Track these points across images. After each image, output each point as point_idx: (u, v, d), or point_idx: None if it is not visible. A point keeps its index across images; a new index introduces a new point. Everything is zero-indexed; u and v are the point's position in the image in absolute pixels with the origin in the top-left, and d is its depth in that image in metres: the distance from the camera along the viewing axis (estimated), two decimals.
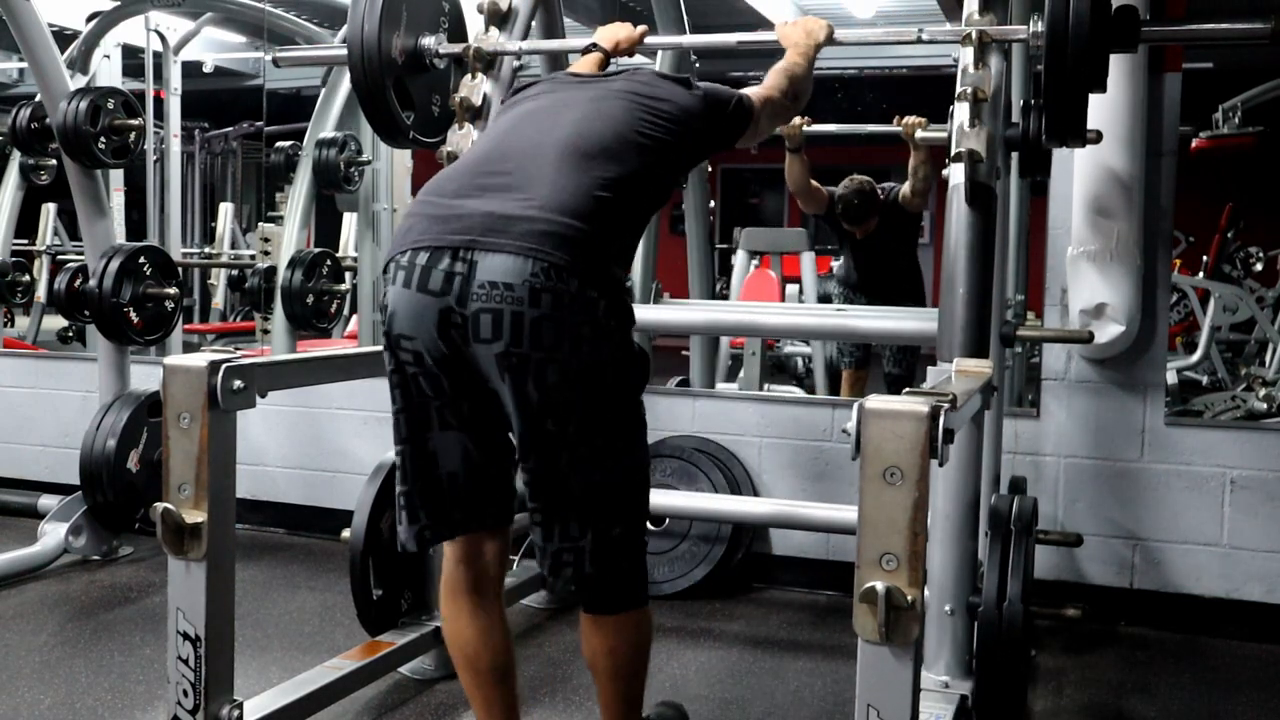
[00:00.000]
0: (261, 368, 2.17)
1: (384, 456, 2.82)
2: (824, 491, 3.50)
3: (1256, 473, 3.24)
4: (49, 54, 3.61)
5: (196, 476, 2.03)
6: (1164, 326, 3.34)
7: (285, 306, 4.68)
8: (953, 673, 2.39)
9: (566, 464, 1.88)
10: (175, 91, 5.71)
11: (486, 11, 2.86)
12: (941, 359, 2.37)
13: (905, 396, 1.57)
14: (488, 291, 1.79)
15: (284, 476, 4.19)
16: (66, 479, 3.93)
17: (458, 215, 1.86)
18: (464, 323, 1.81)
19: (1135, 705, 2.84)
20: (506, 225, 1.81)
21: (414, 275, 1.83)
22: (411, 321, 1.84)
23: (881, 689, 1.53)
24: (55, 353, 6.19)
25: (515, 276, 1.78)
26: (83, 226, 3.80)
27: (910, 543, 1.49)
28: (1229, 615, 3.27)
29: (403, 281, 1.85)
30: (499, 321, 1.78)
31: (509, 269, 1.78)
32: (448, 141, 2.83)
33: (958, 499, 2.36)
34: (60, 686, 2.75)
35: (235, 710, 2.12)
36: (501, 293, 1.78)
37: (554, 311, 1.79)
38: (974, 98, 2.37)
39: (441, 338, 1.83)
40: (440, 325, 1.82)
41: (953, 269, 2.38)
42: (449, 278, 1.81)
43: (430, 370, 1.87)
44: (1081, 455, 3.38)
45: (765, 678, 2.91)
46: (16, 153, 5.33)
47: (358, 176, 4.98)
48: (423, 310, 1.83)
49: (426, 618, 2.83)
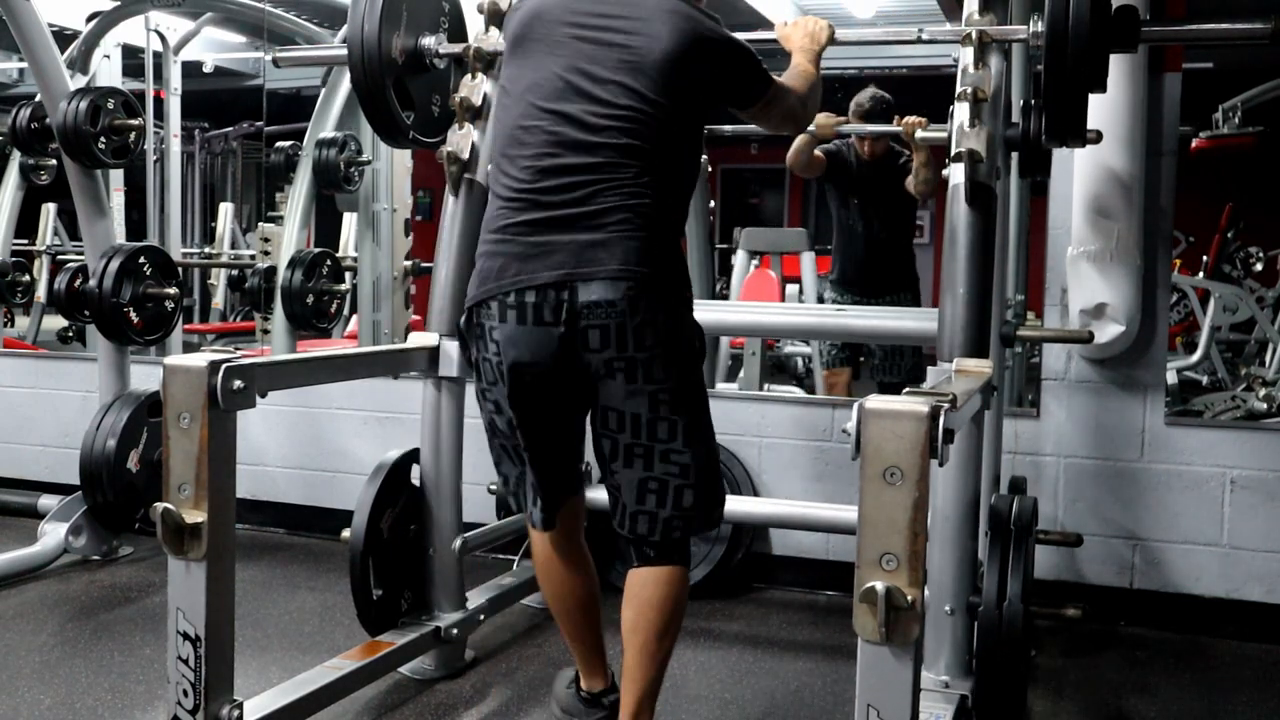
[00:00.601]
0: (261, 368, 2.17)
1: (384, 456, 2.83)
2: (824, 491, 3.50)
3: (1256, 473, 3.24)
4: (49, 54, 3.61)
5: (196, 476, 2.03)
6: (1164, 326, 3.34)
7: (285, 306, 4.68)
8: (953, 673, 2.39)
9: (665, 434, 2.17)
10: (175, 91, 5.71)
11: (486, 11, 2.86)
12: (941, 359, 2.37)
13: (905, 396, 1.57)
14: (590, 310, 2.10)
15: (284, 476, 4.19)
16: (66, 479, 3.93)
17: (547, 252, 2.13)
18: (574, 339, 2.12)
19: (1135, 705, 2.84)
20: (595, 255, 2.11)
21: (526, 312, 2.13)
22: (529, 350, 2.15)
23: (881, 689, 1.53)
24: (55, 353, 6.19)
25: (612, 294, 2.10)
26: (83, 226, 3.80)
27: (910, 543, 1.49)
28: (1229, 615, 3.27)
29: (515, 319, 2.14)
30: (605, 334, 2.11)
31: (605, 290, 2.10)
32: (448, 141, 2.83)
33: (958, 499, 2.36)
34: (60, 686, 2.75)
35: (235, 710, 2.12)
36: (605, 309, 2.10)
37: (648, 316, 2.12)
38: (974, 98, 2.37)
39: (556, 357, 2.14)
40: (559, 347, 2.13)
41: (953, 269, 2.38)
42: (557, 308, 2.11)
43: (543, 385, 2.18)
44: (1081, 455, 3.38)
45: (765, 678, 2.91)
46: (16, 153, 5.32)
47: (358, 176, 4.99)
48: (540, 339, 2.13)
49: (426, 618, 2.83)
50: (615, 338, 2.11)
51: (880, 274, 4.55)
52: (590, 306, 2.10)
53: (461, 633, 2.87)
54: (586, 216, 2.13)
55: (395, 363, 2.96)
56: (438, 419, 2.83)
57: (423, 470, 2.84)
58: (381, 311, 4.97)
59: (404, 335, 4.64)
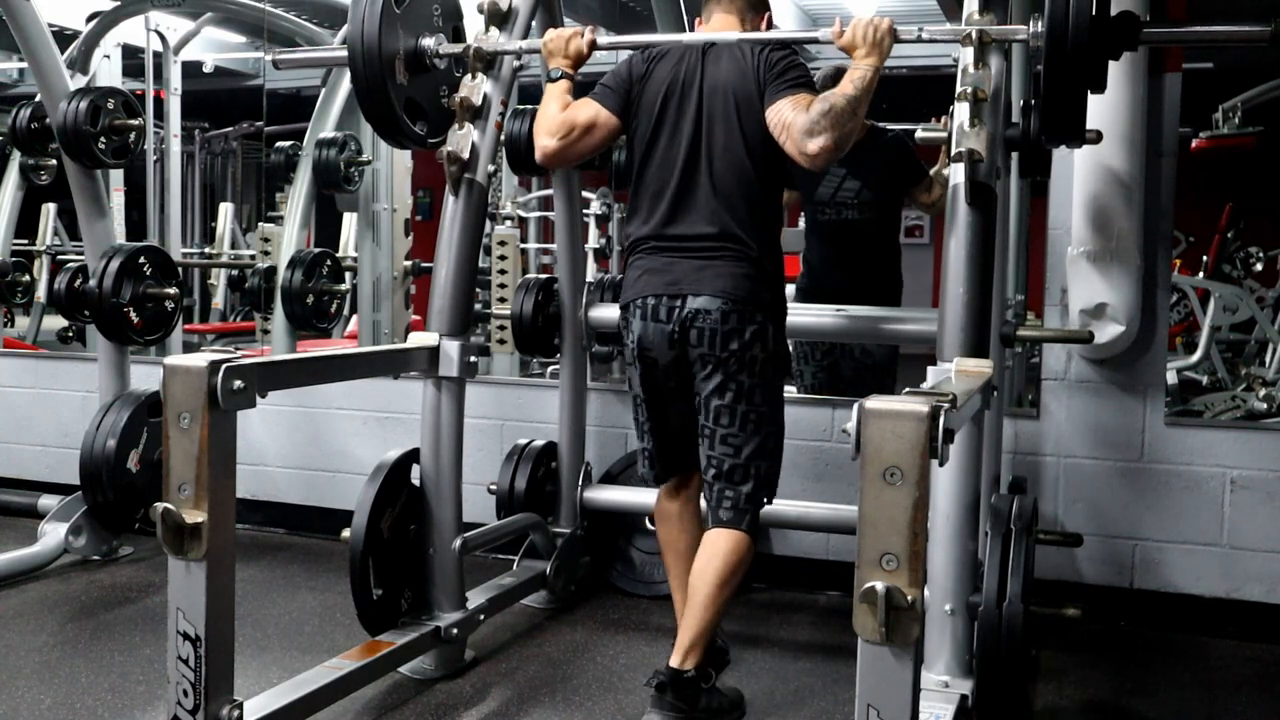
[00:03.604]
0: (261, 368, 2.17)
1: (384, 456, 2.83)
2: (824, 491, 3.50)
3: (1256, 473, 3.24)
4: (49, 54, 3.61)
5: (196, 476, 2.03)
6: (1164, 326, 3.34)
7: (285, 306, 4.68)
8: (953, 672, 2.39)
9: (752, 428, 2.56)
10: (175, 91, 5.71)
11: (486, 11, 2.87)
12: (941, 359, 2.37)
13: (905, 396, 1.57)
14: (693, 315, 2.51)
15: (284, 476, 4.19)
16: (66, 479, 3.93)
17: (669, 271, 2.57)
18: (680, 336, 2.54)
19: (1135, 705, 2.84)
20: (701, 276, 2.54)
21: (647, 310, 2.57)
22: (650, 340, 2.58)
23: (881, 689, 1.53)
24: (55, 353, 6.18)
25: (710, 305, 2.51)
26: (83, 226, 3.81)
27: (910, 543, 1.49)
28: (1229, 615, 3.27)
29: (640, 315, 2.58)
30: (702, 334, 2.51)
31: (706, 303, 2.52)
32: (448, 141, 2.83)
33: (958, 499, 2.36)
34: (60, 686, 2.75)
35: (235, 710, 2.12)
36: (703, 317, 2.51)
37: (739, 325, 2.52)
38: (974, 98, 2.37)
39: (671, 347, 2.56)
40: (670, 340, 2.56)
41: (953, 269, 2.38)
42: (670, 311, 2.54)
43: (664, 370, 2.60)
44: (1081, 455, 3.38)
45: (765, 678, 2.91)
46: (16, 153, 5.32)
47: (358, 176, 4.99)
48: (658, 332, 2.57)
49: (426, 618, 2.83)
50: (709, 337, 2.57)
51: (858, 282, 3.80)
52: (693, 313, 2.57)
53: (461, 633, 2.87)
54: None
55: (395, 363, 2.96)
56: (438, 419, 2.83)
57: (423, 470, 2.84)
58: (381, 311, 4.98)
59: (404, 335, 4.64)
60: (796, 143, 2.37)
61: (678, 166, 2.56)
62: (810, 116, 2.35)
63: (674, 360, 2.58)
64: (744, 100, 2.51)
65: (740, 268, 2.52)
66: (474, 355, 2.88)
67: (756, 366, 2.53)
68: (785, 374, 2.71)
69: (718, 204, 2.53)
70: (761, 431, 2.57)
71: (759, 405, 2.55)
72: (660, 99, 2.58)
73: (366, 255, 5.01)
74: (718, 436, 2.55)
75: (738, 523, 2.56)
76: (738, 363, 2.51)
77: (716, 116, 2.53)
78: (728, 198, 2.53)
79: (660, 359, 2.59)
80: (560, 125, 2.59)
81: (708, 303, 2.50)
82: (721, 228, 2.52)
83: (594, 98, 2.64)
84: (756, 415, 2.55)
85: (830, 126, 2.33)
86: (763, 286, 2.54)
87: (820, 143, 2.34)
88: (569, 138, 2.60)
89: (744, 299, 2.50)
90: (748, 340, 2.51)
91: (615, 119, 2.62)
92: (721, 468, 2.56)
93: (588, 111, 2.61)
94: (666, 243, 2.57)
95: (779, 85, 2.46)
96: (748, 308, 2.50)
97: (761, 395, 2.55)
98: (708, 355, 2.52)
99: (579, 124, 2.60)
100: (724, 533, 2.56)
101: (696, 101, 2.55)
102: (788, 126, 2.39)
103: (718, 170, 2.54)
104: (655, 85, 2.59)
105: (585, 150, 2.66)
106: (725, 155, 2.53)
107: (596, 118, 2.61)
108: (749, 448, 2.56)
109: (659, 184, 2.58)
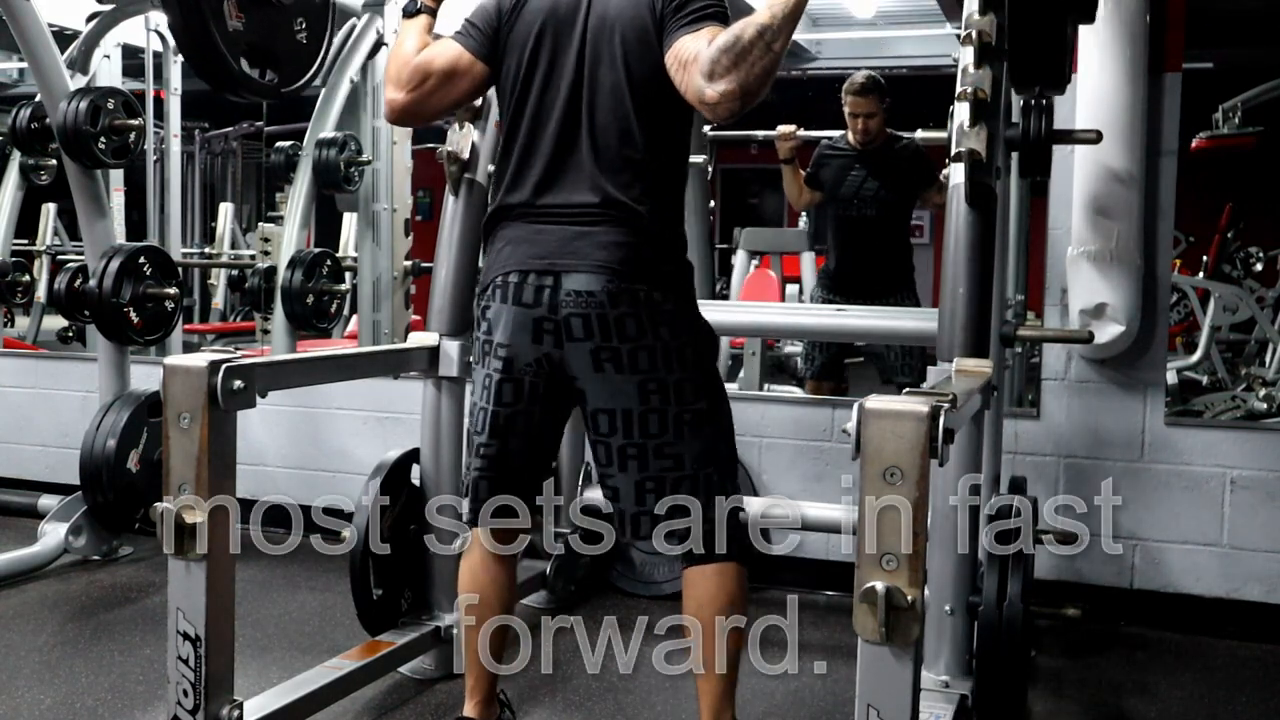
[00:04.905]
0: (261, 368, 2.17)
1: (384, 456, 2.83)
2: (824, 491, 3.50)
3: (1256, 473, 3.24)
4: (49, 54, 3.61)
5: (196, 476, 2.03)
6: (1164, 326, 3.34)
7: (285, 306, 4.67)
8: (953, 672, 2.39)
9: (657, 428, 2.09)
10: (175, 91, 5.69)
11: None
12: (941, 359, 2.37)
13: (905, 396, 1.57)
14: (571, 299, 2.04)
15: (284, 476, 4.19)
16: (66, 479, 3.93)
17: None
18: (555, 327, 2.07)
19: (1135, 705, 2.84)
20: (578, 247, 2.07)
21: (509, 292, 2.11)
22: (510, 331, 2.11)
23: (881, 689, 1.53)
24: (55, 353, 6.18)
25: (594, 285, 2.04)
26: (83, 226, 3.80)
27: (910, 543, 1.49)
28: (1229, 615, 3.27)
29: (500, 297, 2.11)
30: (588, 323, 2.04)
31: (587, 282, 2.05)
32: (448, 141, 2.83)
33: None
34: (60, 686, 2.75)
35: (235, 710, 2.12)
36: (585, 300, 2.04)
37: (631, 309, 2.04)
38: (974, 97, 2.36)
39: (537, 341, 2.09)
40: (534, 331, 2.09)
41: (953, 269, 2.38)
42: (538, 292, 2.07)
43: (529, 369, 2.13)
44: (1081, 455, 3.38)
45: (765, 678, 2.91)
46: (16, 153, 5.32)
47: (358, 176, 4.98)
48: (520, 320, 2.09)
49: (426, 617, 2.83)
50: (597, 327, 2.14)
51: (878, 272, 4.30)
52: (573, 295, 2.12)
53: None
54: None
55: (395, 363, 2.96)
56: (438, 419, 2.83)
57: (423, 470, 2.84)
58: (381, 311, 4.97)
59: (404, 335, 4.64)
60: (694, 88, 1.89)
61: (553, 121, 2.09)
62: (709, 54, 1.85)
63: (542, 358, 2.08)
64: (637, 38, 2.04)
65: (626, 235, 2.04)
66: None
67: (673, 356, 2.06)
68: (715, 353, 2.23)
69: (599, 166, 2.06)
70: (703, 433, 2.10)
71: (692, 402, 2.08)
72: (533, 38, 2.11)
73: (366, 255, 5.01)
74: (649, 450, 2.07)
75: (733, 552, 2.13)
76: (649, 355, 2.04)
77: (602, 59, 2.07)
78: (611, 160, 2.06)
79: (522, 355, 2.09)
80: (414, 73, 2.15)
81: (589, 281, 2.02)
82: (603, 195, 2.05)
83: (456, 38, 2.19)
84: (692, 414, 2.08)
85: (733, 64, 1.82)
86: (659, 256, 2.07)
87: (720, 87, 1.83)
88: (422, 88, 2.15)
89: (633, 274, 2.02)
90: (649, 324, 2.03)
91: (482, 64, 2.16)
92: (663, 489, 2.08)
93: (447, 55, 2.16)
94: (537, 211, 2.10)
95: (680, 18, 1.98)
96: (640, 284, 2.03)
97: (693, 389, 2.09)
98: (603, 349, 2.03)
99: (435, 71, 2.15)
100: (705, 570, 2.11)
101: (579, 41, 2.08)
102: (685, 66, 1.92)
103: (600, 124, 2.07)
104: (528, 21, 2.12)
105: (445, 105, 2.22)
106: (610, 106, 2.06)
107: (457, 63, 2.15)
108: (691, 454, 2.09)
109: (530, 142, 2.12)
